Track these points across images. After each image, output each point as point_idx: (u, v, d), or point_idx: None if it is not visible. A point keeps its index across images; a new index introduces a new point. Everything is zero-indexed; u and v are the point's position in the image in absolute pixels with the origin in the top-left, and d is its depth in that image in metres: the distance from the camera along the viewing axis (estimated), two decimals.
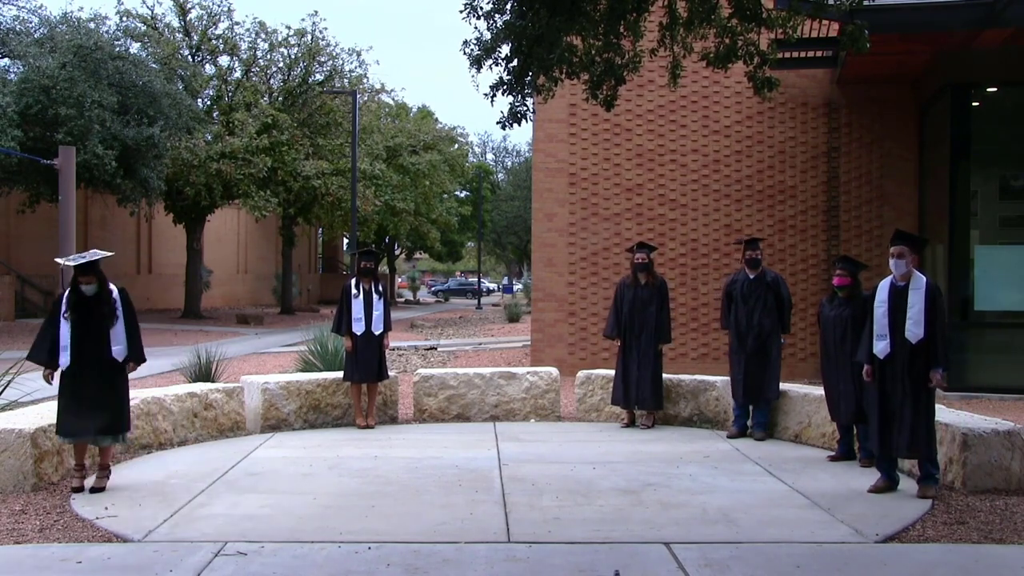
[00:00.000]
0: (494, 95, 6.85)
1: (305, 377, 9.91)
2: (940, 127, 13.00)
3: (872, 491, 6.70)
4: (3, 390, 8.33)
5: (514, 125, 7.01)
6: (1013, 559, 5.28)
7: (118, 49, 25.81)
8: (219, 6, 32.80)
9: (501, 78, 6.85)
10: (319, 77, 34.16)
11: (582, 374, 10.51)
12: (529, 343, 16.31)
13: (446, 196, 46.64)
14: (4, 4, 25.96)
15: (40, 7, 29.57)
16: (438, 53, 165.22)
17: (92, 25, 26.68)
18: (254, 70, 33.80)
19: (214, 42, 32.92)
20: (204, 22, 32.70)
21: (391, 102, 44.24)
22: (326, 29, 78.34)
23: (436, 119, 48.84)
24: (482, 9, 6.73)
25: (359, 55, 40.71)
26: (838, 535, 5.71)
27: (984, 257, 12.30)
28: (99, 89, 23.09)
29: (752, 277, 9.17)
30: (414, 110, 50.36)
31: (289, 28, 33.67)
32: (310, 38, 33.55)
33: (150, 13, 32.41)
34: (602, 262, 14.62)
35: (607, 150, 14.66)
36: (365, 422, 9.54)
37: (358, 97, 27.81)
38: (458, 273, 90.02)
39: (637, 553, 5.30)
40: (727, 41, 7.10)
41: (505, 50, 6.74)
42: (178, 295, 34.50)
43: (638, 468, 7.59)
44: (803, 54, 13.27)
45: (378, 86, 39.90)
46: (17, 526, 5.81)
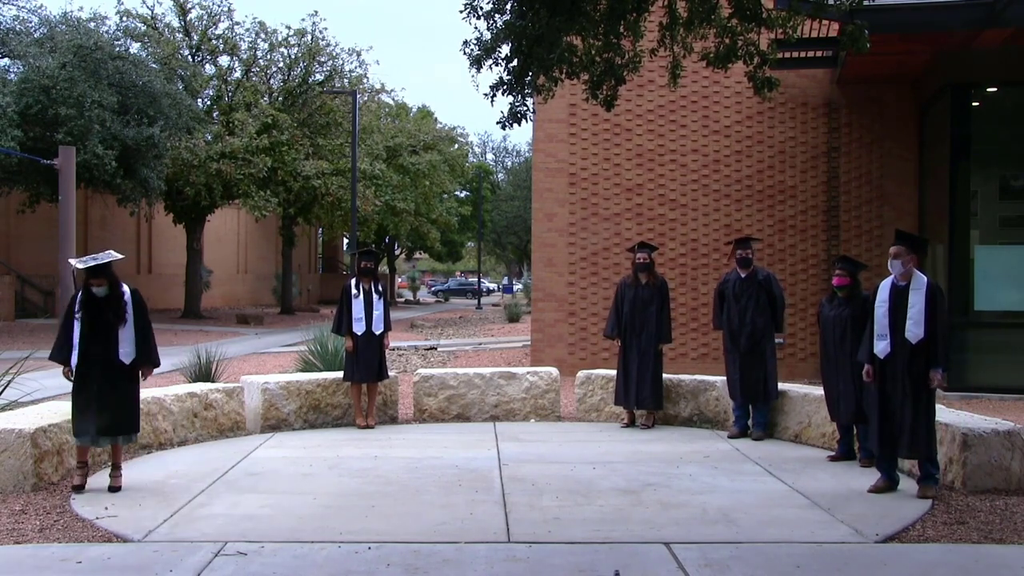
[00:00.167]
0: (494, 95, 6.86)
1: (305, 377, 9.91)
2: (940, 127, 13.00)
3: (872, 491, 6.71)
4: (3, 390, 8.33)
5: (514, 125, 7.01)
6: (1013, 559, 5.28)
7: (118, 49, 25.82)
8: (219, 6, 32.86)
9: (501, 78, 6.85)
10: (319, 77, 34.18)
11: (582, 374, 10.52)
12: (529, 343, 16.31)
13: (446, 196, 46.65)
14: (4, 4, 25.98)
15: (40, 7, 29.59)
16: (438, 53, 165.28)
17: (92, 25, 26.70)
18: (254, 70, 33.81)
19: (214, 42, 32.93)
20: (204, 22, 32.72)
21: (391, 102, 44.27)
22: (326, 29, 78.38)
23: (436, 119, 48.88)
24: (482, 9, 6.73)
25: (359, 55, 40.73)
26: (838, 535, 5.71)
27: (984, 257, 12.30)
28: (99, 89, 23.09)
29: (743, 276, 9.19)
30: (414, 110, 50.38)
31: (289, 28, 33.74)
32: (310, 38, 33.57)
33: (150, 13, 32.44)
34: (602, 262, 14.62)
35: (607, 150, 14.66)
36: (365, 422, 9.54)
37: (358, 97, 27.81)
38: (458, 273, 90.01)
39: (637, 553, 5.30)
40: (727, 41, 7.10)
41: (505, 50, 6.75)
42: (178, 295, 34.50)
43: (638, 468, 7.59)
44: (803, 54, 13.27)
45: (378, 86, 39.96)
46: (17, 526, 5.81)
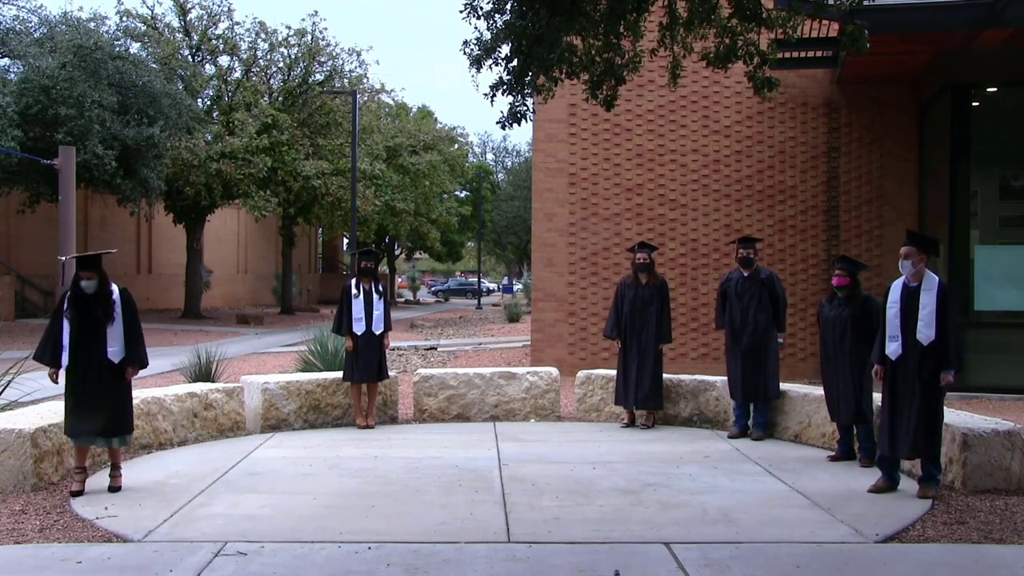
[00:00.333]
0: (494, 95, 6.86)
1: (305, 377, 9.91)
2: (940, 127, 13.00)
3: (872, 491, 6.70)
4: (3, 390, 8.33)
5: (514, 125, 7.01)
6: (1013, 559, 5.27)
7: (118, 49, 25.82)
8: (219, 6, 32.88)
9: (501, 78, 6.85)
10: (319, 77, 34.19)
11: (582, 374, 10.51)
12: (529, 343, 16.31)
13: (446, 196, 46.65)
14: (4, 4, 25.98)
15: (40, 7, 29.57)
16: (438, 53, 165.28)
17: (92, 25, 26.71)
18: (254, 70, 33.82)
19: (214, 42, 32.94)
20: (204, 22, 32.72)
21: (391, 102, 44.28)
22: (326, 29, 78.44)
23: (436, 119, 48.88)
24: (482, 9, 6.73)
25: (359, 55, 40.78)
26: (838, 535, 5.71)
27: (984, 257, 12.30)
28: (99, 89, 23.09)
29: (746, 275, 9.19)
30: (414, 110, 50.38)
31: (289, 28, 33.75)
32: (310, 38, 33.58)
33: (150, 13, 32.45)
34: (602, 262, 14.61)
35: (607, 150, 14.66)
36: (365, 422, 9.54)
37: (358, 97, 27.81)
38: (458, 273, 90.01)
39: (637, 553, 5.30)
40: (727, 41, 7.11)
41: (505, 50, 6.75)
42: (178, 295, 34.51)
43: (638, 468, 7.59)
44: (803, 54, 13.27)
45: (378, 86, 39.98)
46: (17, 526, 5.81)
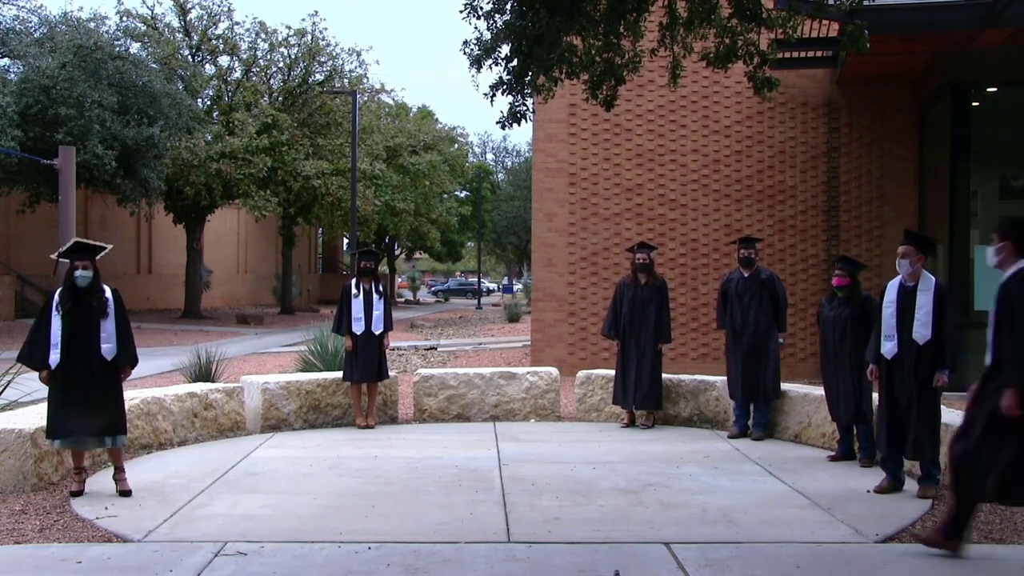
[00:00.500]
0: (494, 95, 6.86)
1: (305, 377, 9.91)
2: (940, 127, 12.99)
3: (877, 491, 6.69)
4: (3, 390, 8.32)
5: (514, 125, 7.02)
6: (1013, 559, 5.28)
7: (118, 49, 25.83)
8: (219, 6, 32.88)
9: (501, 78, 6.86)
10: (319, 77, 34.19)
11: (582, 374, 10.51)
12: (529, 343, 16.31)
13: (446, 196, 46.64)
14: (4, 4, 25.98)
15: (40, 7, 29.57)
16: (438, 53, 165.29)
17: (92, 25, 26.72)
18: (254, 70, 33.82)
19: (214, 42, 32.94)
20: (204, 22, 32.73)
21: (391, 102, 44.27)
22: (326, 29, 78.47)
23: (436, 119, 48.87)
24: (482, 9, 6.74)
25: (359, 55, 40.77)
26: (838, 535, 5.71)
27: (984, 257, 12.26)
28: (99, 89, 23.10)
29: (747, 276, 9.19)
30: (414, 110, 50.39)
31: (289, 28, 33.75)
32: (310, 38, 33.58)
33: (150, 13, 32.46)
34: (602, 262, 14.61)
35: (607, 150, 14.66)
36: (365, 422, 9.54)
37: (358, 97, 27.81)
38: (458, 273, 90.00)
39: (637, 553, 5.30)
40: (727, 41, 7.11)
41: (505, 50, 6.75)
42: (178, 295, 34.51)
43: (638, 468, 7.59)
44: (803, 54, 13.27)
45: (378, 86, 39.96)
46: (17, 526, 5.81)
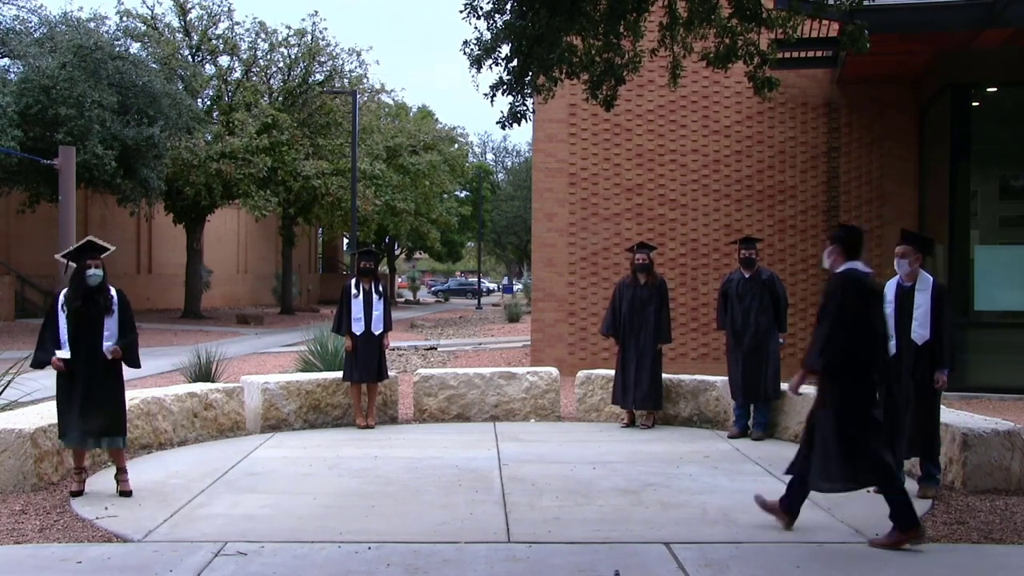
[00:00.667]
0: (494, 95, 6.86)
1: (305, 377, 9.91)
2: (940, 127, 12.99)
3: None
4: (3, 390, 8.32)
5: (514, 125, 7.02)
6: (1013, 559, 5.28)
7: (118, 49, 25.83)
8: (219, 6, 32.88)
9: (501, 78, 6.86)
10: (319, 77, 34.19)
11: (582, 374, 10.51)
12: (529, 343, 16.31)
13: (446, 196, 46.64)
14: (4, 4, 25.99)
15: (40, 7, 29.56)
16: (438, 53, 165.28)
17: (92, 25, 26.72)
18: (254, 70, 33.82)
19: (214, 42, 32.94)
20: (204, 22, 32.73)
21: (391, 102, 44.27)
22: (326, 29, 78.40)
23: (436, 119, 48.86)
24: (482, 9, 6.74)
25: (359, 55, 40.78)
26: (838, 535, 5.71)
27: (984, 257, 12.29)
28: (99, 89, 23.09)
29: (747, 276, 9.19)
30: (414, 110, 50.38)
31: (289, 28, 33.75)
32: (310, 38, 33.58)
33: (150, 13, 32.45)
34: (602, 262, 14.61)
35: (607, 150, 14.66)
36: (365, 422, 9.54)
37: (358, 97, 27.81)
38: (458, 273, 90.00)
39: (637, 553, 5.30)
40: (727, 41, 7.11)
41: (505, 50, 6.75)
42: (178, 295, 34.51)
43: (638, 468, 7.58)
44: (803, 54, 13.27)
45: (378, 86, 39.97)
46: (17, 526, 5.80)
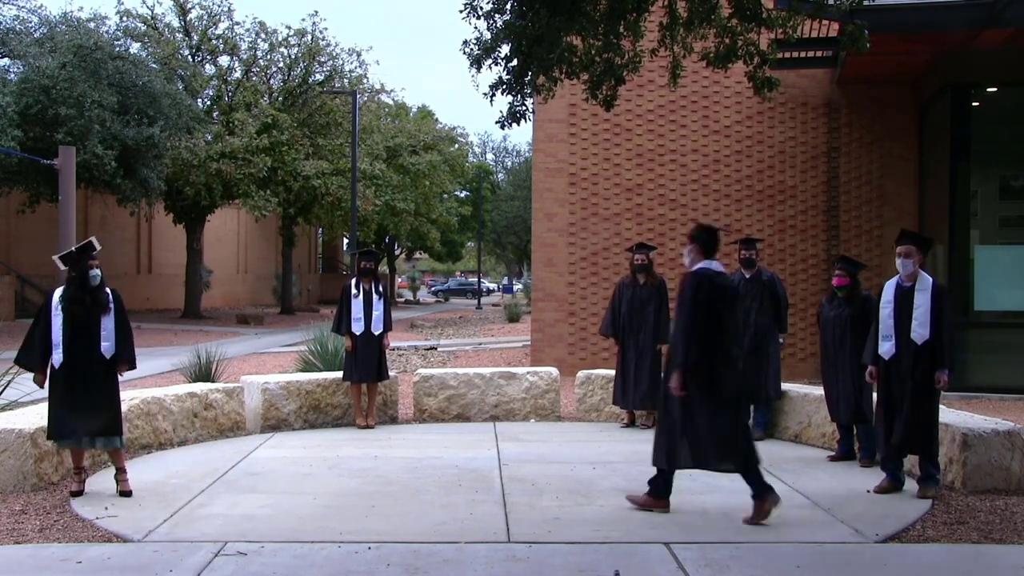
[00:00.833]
0: (494, 95, 6.88)
1: (305, 377, 9.91)
2: (940, 127, 12.99)
3: (877, 491, 6.68)
4: (3, 390, 8.32)
5: (514, 125, 7.03)
6: (1013, 559, 5.27)
7: (118, 49, 25.82)
8: (219, 6, 32.87)
9: (501, 78, 6.86)
10: (319, 77, 34.18)
11: (582, 374, 10.51)
12: (529, 343, 16.31)
13: (446, 196, 46.63)
14: (4, 4, 25.99)
15: (40, 7, 29.57)
16: (438, 53, 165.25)
17: (92, 25, 26.71)
18: (254, 70, 33.81)
19: (214, 42, 32.93)
20: (204, 22, 32.72)
21: (391, 102, 44.27)
22: (326, 29, 78.29)
23: (436, 119, 48.86)
24: (482, 9, 6.74)
25: (359, 55, 40.72)
26: (838, 535, 5.71)
27: (984, 257, 12.29)
28: (99, 89, 23.09)
29: (748, 277, 9.19)
30: (414, 110, 50.38)
31: (289, 28, 33.74)
32: (310, 38, 33.57)
33: (150, 13, 32.44)
34: (602, 262, 14.61)
35: (607, 150, 14.66)
36: (365, 422, 9.54)
37: (358, 97, 27.81)
38: (458, 273, 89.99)
39: (637, 553, 5.30)
40: (727, 41, 7.11)
41: (505, 50, 6.76)
42: (178, 295, 34.50)
43: (638, 468, 7.56)
44: (803, 54, 13.27)
45: (378, 86, 39.95)
46: (17, 526, 5.80)
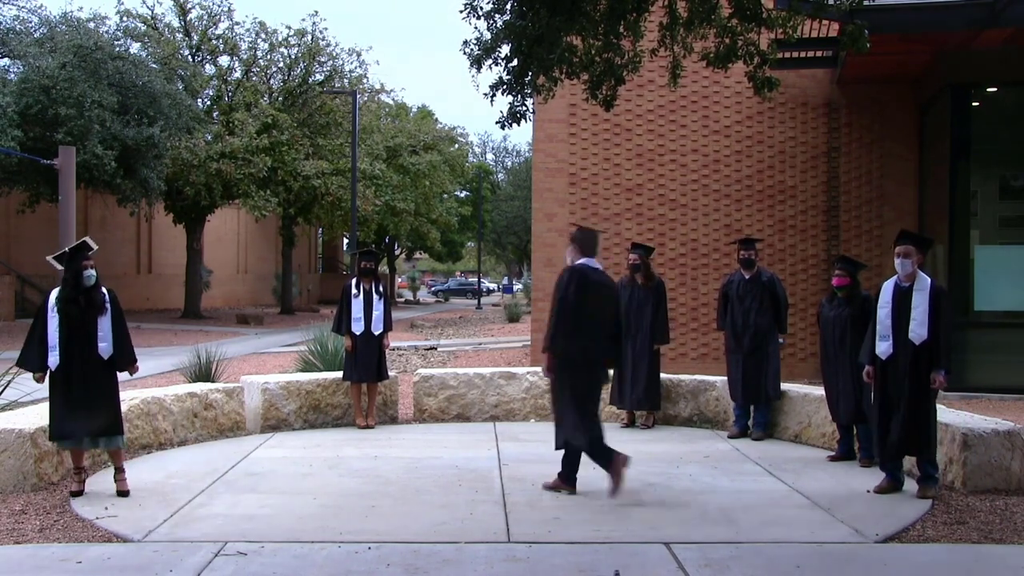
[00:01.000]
0: (494, 95, 6.88)
1: (305, 377, 9.91)
2: (940, 127, 12.99)
3: (877, 491, 6.68)
4: (3, 390, 8.32)
5: (514, 125, 7.04)
6: (1013, 559, 5.27)
7: (118, 49, 25.83)
8: (219, 6, 32.88)
9: (501, 78, 6.87)
10: (319, 77, 34.19)
11: None
12: (529, 343, 16.30)
13: (446, 196, 46.64)
14: (4, 4, 25.99)
15: (40, 7, 29.58)
16: (438, 53, 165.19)
17: (92, 25, 26.72)
18: (254, 70, 33.82)
19: (214, 42, 32.94)
20: (204, 22, 32.72)
21: (391, 102, 44.28)
22: (326, 29, 78.28)
23: (436, 119, 48.88)
24: (482, 9, 6.75)
25: (359, 55, 40.79)
26: (838, 535, 5.71)
27: (984, 257, 12.29)
28: (99, 89, 23.09)
29: (747, 277, 9.19)
30: (414, 110, 50.39)
31: (289, 28, 33.75)
32: (310, 38, 33.58)
33: (150, 13, 32.45)
34: (602, 262, 14.57)
35: (607, 150, 14.66)
36: (365, 422, 9.54)
37: (358, 97, 27.82)
38: (458, 273, 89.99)
39: (637, 553, 5.30)
40: (727, 41, 7.11)
41: (505, 50, 6.76)
42: (178, 295, 34.50)
43: (638, 468, 7.57)
44: (803, 54, 13.27)
45: (378, 86, 39.96)
46: (17, 526, 5.80)
